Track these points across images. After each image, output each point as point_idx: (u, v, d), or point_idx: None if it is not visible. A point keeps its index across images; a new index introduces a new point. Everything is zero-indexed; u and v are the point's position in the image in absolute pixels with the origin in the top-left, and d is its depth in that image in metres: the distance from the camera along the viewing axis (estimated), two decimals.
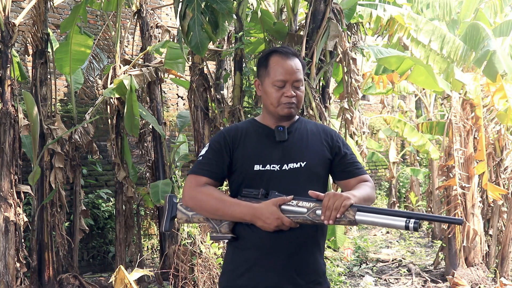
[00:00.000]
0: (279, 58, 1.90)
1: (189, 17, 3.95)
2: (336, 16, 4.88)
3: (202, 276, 4.54)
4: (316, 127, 1.98)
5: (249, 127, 1.95)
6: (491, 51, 5.36)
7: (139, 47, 6.88)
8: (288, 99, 1.87)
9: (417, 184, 11.05)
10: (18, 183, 4.85)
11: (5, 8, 4.84)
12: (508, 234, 6.11)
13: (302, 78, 1.90)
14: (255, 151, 1.87)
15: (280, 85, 1.87)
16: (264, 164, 1.84)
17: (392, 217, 1.63)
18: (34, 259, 5.28)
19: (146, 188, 6.25)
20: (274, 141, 1.89)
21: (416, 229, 1.59)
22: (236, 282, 1.84)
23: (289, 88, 1.87)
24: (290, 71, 1.87)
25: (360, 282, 6.23)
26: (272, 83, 1.88)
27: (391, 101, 11.93)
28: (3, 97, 4.77)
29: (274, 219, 1.71)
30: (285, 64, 1.88)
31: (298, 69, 1.89)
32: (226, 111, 5.09)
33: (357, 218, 1.66)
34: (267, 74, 1.90)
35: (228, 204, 1.78)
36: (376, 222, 1.66)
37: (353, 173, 1.92)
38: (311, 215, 1.69)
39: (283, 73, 1.87)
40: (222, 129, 1.98)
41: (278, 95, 1.87)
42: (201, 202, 1.81)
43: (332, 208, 1.66)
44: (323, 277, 1.90)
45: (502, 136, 6.38)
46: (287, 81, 1.87)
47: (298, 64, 1.91)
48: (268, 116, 1.94)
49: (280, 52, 1.91)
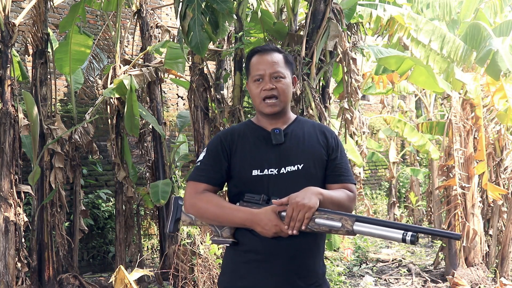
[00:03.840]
0: (257, 56, 1.92)
1: (190, 17, 3.95)
2: (336, 16, 4.88)
3: (202, 276, 4.54)
4: (313, 128, 1.97)
5: (245, 129, 1.94)
6: (494, 50, 5.36)
7: (139, 47, 6.88)
8: (266, 92, 1.87)
9: (417, 184, 11.05)
10: (18, 183, 4.84)
11: (5, 8, 4.83)
12: (508, 234, 6.11)
13: (281, 70, 1.89)
14: (252, 155, 1.86)
15: (258, 78, 1.89)
16: (262, 169, 1.83)
17: (390, 229, 1.63)
18: (34, 259, 5.28)
19: (146, 188, 6.25)
20: (271, 144, 1.88)
21: (413, 242, 1.58)
22: (237, 283, 1.85)
23: (267, 81, 1.87)
24: (267, 64, 1.88)
25: (360, 282, 6.23)
26: (252, 79, 1.90)
27: (391, 101, 11.93)
28: (3, 97, 4.77)
29: (273, 225, 1.71)
30: (262, 59, 1.90)
31: (275, 62, 1.89)
32: (226, 111, 5.09)
33: (355, 228, 1.66)
34: (249, 73, 1.93)
35: (227, 211, 1.79)
36: (373, 233, 1.66)
37: (338, 179, 1.90)
38: (310, 224, 1.70)
39: (260, 68, 1.89)
40: (219, 133, 1.97)
41: (258, 91, 1.88)
42: (201, 209, 1.82)
43: (296, 219, 1.68)
44: (323, 279, 1.90)
45: (502, 136, 6.38)
46: (264, 74, 1.88)
47: (277, 57, 1.91)
48: (261, 117, 1.95)
49: (258, 51, 1.93)
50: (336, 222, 1.68)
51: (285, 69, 1.90)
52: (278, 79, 1.88)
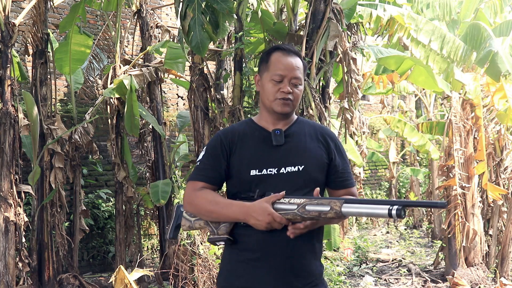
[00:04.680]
0: (280, 54, 1.91)
1: (190, 17, 3.95)
2: (336, 16, 4.88)
3: (202, 276, 4.54)
4: (314, 129, 1.96)
5: (246, 129, 1.94)
6: (494, 51, 5.36)
7: (139, 47, 6.88)
8: (284, 94, 1.87)
9: (417, 184, 11.05)
10: (18, 183, 4.84)
11: (5, 8, 4.84)
12: (508, 234, 6.11)
13: (301, 77, 1.90)
14: (252, 156, 1.86)
15: (278, 79, 1.87)
16: (261, 169, 1.83)
17: (376, 206, 1.63)
18: (34, 259, 5.28)
19: (146, 188, 6.25)
20: (271, 145, 1.88)
21: (399, 215, 1.57)
22: (234, 283, 1.85)
23: (286, 83, 1.87)
24: (289, 67, 1.88)
25: (360, 282, 6.23)
26: (271, 77, 1.89)
27: (391, 101, 11.93)
28: (3, 97, 4.77)
29: (266, 215, 1.70)
30: (286, 60, 1.89)
31: (298, 67, 1.90)
32: (226, 111, 5.09)
33: (343, 210, 1.66)
34: (267, 68, 1.91)
35: (222, 205, 1.80)
36: (361, 212, 1.66)
37: (343, 184, 1.93)
38: (301, 210, 1.69)
39: (282, 68, 1.88)
40: (219, 132, 1.97)
41: (274, 90, 1.88)
42: (198, 206, 1.83)
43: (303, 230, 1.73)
44: (320, 279, 1.90)
45: (502, 136, 6.38)
46: (285, 76, 1.87)
47: (299, 63, 1.91)
48: (265, 115, 1.93)
49: (282, 49, 1.92)
50: (325, 206, 1.67)
51: (302, 76, 1.92)
52: (296, 85, 1.89)
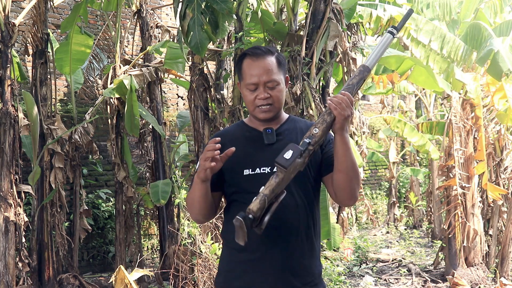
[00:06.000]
0: (249, 61, 1.86)
1: (189, 17, 3.95)
2: (336, 16, 4.88)
3: (202, 276, 4.54)
4: (305, 126, 1.94)
5: (237, 130, 1.95)
6: (495, 50, 5.35)
7: (139, 47, 6.88)
8: (262, 101, 1.84)
9: (417, 184, 11.05)
10: (18, 183, 4.85)
11: (5, 8, 4.84)
12: (508, 234, 6.11)
13: (275, 78, 1.84)
14: (244, 156, 1.85)
15: (252, 88, 1.85)
16: (254, 168, 1.83)
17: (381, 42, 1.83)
18: (34, 259, 5.28)
19: (146, 188, 6.25)
20: (263, 144, 1.87)
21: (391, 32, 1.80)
22: (233, 283, 1.85)
23: (261, 90, 1.84)
24: (260, 73, 1.83)
25: (360, 282, 6.23)
26: (246, 86, 1.86)
27: (391, 101, 11.93)
28: (3, 97, 4.77)
29: (201, 159, 1.72)
30: (255, 67, 1.84)
31: (270, 69, 1.83)
32: (226, 111, 5.09)
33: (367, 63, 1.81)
34: (241, 77, 1.89)
35: (192, 190, 1.84)
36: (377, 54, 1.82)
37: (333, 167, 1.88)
38: None
39: (254, 75, 1.83)
40: (213, 135, 1.97)
41: (252, 98, 1.85)
42: (188, 205, 1.90)
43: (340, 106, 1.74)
44: (319, 279, 1.90)
45: (502, 136, 6.38)
46: (259, 83, 1.83)
47: (271, 63, 1.85)
48: (253, 118, 1.93)
49: (250, 55, 1.87)
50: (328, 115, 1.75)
51: (278, 74, 1.86)
52: (272, 87, 1.85)
